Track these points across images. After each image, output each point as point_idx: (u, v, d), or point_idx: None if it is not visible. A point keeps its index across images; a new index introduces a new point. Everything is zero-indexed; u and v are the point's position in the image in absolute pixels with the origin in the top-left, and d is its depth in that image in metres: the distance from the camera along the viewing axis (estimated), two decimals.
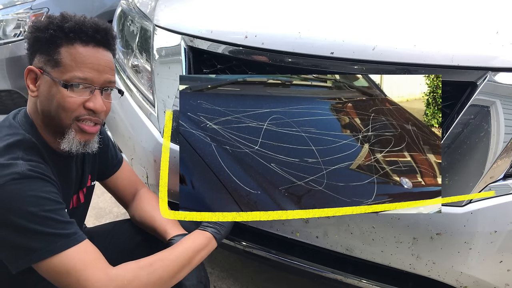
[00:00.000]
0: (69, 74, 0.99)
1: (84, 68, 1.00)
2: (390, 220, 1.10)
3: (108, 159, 1.31)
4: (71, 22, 0.99)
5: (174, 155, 1.35)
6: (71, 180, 1.15)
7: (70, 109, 1.01)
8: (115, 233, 1.36)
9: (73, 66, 0.99)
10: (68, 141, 1.04)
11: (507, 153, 1.02)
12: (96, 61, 1.01)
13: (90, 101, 1.02)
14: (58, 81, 0.99)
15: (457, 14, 1.15)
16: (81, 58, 0.99)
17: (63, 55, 0.99)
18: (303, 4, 1.30)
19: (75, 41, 0.99)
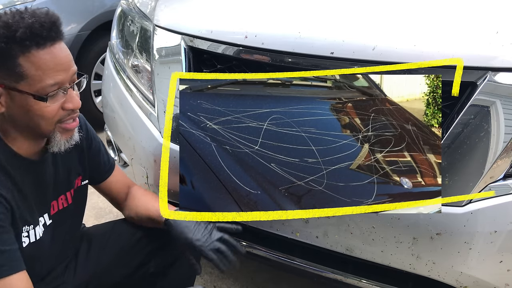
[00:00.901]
0: (39, 84, 0.93)
1: (52, 73, 0.94)
2: (390, 220, 1.10)
3: (100, 164, 1.30)
4: (21, 29, 0.89)
5: (174, 155, 1.35)
6: (47, 184, 1.12)
7: (50, 117, 0.98)
8: (115, 232, 1.36)
9: (40, 75, 0.92)
10: (56, 144, 1.03)
11: (507, 153, 1.02)
12: (60, 60, 0.95)
13: (67, 102, 0.99)
14: (32, 95, 0.93)
15: (457, 14, 1.15)
16: (46, 64, 0.93)
17: (24, 66, 0.91)
18: (303, 4, 1.30)
19: (31, 47, 0.91)
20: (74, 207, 1.23)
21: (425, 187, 1.17)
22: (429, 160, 1.21)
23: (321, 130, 1.24)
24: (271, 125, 1.21)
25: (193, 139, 1.13)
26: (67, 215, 1.20)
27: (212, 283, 1.87)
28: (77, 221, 1.29)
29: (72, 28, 2.88)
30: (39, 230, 1.09)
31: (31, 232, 1.06)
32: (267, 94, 1.30)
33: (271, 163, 1.11)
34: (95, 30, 2.98)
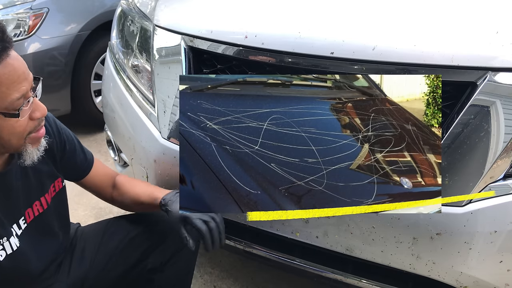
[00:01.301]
0: (7, 100, 0.87)
1: (16, 86, 0.88)
2: (390, 220, 1.10)
3: (77, 163, 1.27)
4: None
5: (174, 155, 1.35)
6: (16, 194, 1.08)
7: (21, 132, 0.94)
8: (110, 230, 1.36)
9: (5, 91, 0.87)
10: (29, 156, 0.99)
11: (507, 153, 1.02)
12: (19, 70, 0.89)
13: (35, 111, 0.95)
14: (2, 114, 0.88)
15: (457, 14, 1.15)
16: (8, 79, 0.87)
17: None
18: (303, 4, 1.30)
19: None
20: (54, 210, 1.21)
21: (425, 187, 1.17)
22: (429, 160, 1.21)
23: (321, 130, 1.24)
24: (271, 125, 1.21)
25: (193, 139, 1.13)
26: (47, 218, 1.18)
27: (212, 283, 1.88)
28: (61, 221, 1.27)
29: (72, 28, 2.88)
30: (14, 240, 1.07)
31: (5, 245, 1.04)
32: (267, 94, 1.30)
33: (271, 163, 1.11)
34: (95, 30, 2.98)
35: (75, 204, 2.34)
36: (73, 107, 3.02)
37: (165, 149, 1.37)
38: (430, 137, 1.24)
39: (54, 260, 1.24)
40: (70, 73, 2.92)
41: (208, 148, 1.11)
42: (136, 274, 1.35)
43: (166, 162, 1.38)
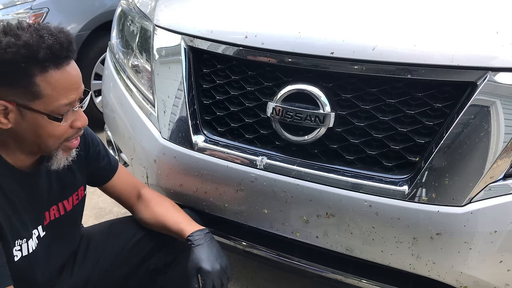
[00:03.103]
0: (55, 104, 0.93)
1: (67, 93, 0.95)
2: (390, 220, 1.10)
3: (100, 168, 1.28)
4: (42, 50, 0.89)
5: (174, 155, 1.35)
6: (41, 196, 1.10)
7: (59, 136, 0.99)
8: (114, 232, 1.36)
9: (56, 95, 0.93)
10: (57, 162, 1.03)
11: (507, 153, 1.02)
12: (73, 79, 0.96)
13: (76, 120, 1.00)
14: (46, 115, 0.94)
15: (457, 14, 1.15)
16: (62, 85, 0.93)
17: (41, 86, 0.91)
18: (303, 4, 1.30)
19: (49, 67, 0.91)
20: (71, 217, 1.22)
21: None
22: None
23: None
24: None
25: None
26: (61, 225, 1.19)
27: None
28: (73, 229, 1.28)
29: (72, 28, 2.88)
30: (32, 243, 1.08)
31: (23, 246, 1.05)
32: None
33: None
34: (95, 30, 2.99)
35: None
36: None
37: (165, 149, 1.37)
38: None
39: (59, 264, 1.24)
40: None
41: None
42: (139, 275, 1.35)
43: (166, 162, 1.38)
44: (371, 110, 1.14)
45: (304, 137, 1.20)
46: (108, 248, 1.33)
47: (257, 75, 1.27)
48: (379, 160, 1.15)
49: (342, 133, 1.18)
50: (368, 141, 1.16)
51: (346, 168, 1.18)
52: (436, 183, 1.07)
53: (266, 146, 1.28)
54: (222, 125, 1.34)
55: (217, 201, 1.33)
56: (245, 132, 1.31)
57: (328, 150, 1.21)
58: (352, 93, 1.16)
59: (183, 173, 1.36)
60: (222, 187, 1.30)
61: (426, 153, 1.09)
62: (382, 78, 1.11)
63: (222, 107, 1.34)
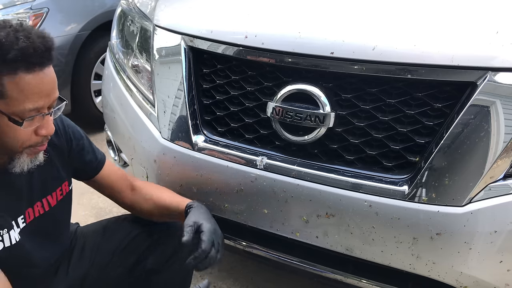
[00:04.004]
0: (18, 107, 0.90)
1: (34, 98, 0.91)
2: (390, 220, 1.10)
3: (85, 162, 1.26)
4: (13, 51, 0.86)
5: (174, 155, 1.35)
6: (19, 192, 1.08)
7: (22, 141, 0.95)
8: (109, 230, 1.36)
9: (21, 99, 0.89)
10: (20, 164, 1.00)
11: (507, 153, 1.02)
12: (44, 86, 0.92)
13: (41, 128, 0.96)
14: (7, 116, 0.90)
15: (457, 14, 1.15)
16: (30, 89, 0.90)
17: (7, 87, 0.88)
18: (303, 4, 1.30)
19: (19, 69, 0.88)
20: (57, 212, 1.20)
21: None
22: None
23: None
24: None
25: None
26: (48, 220, 1.17)
27: (212, 283, 1.88)
28: (62, 225, 1.27)
29: (72, 28, 2.88)
30: (15, 234, 1.07)
31: (5, 236, 1.04)
32: None
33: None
34: (95, 30, 2.99)
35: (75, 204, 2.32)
36: (73, 107, 3.01)
37: (165, 149, 1.37)
38: None
39: (54, 262, 1.24)
40: (70, 73, 2.92)
41: None
42: (134, 274, 1.35)
43: (166, 162, 1.38)
44: (371, 110, 1.14)
45: (304, 137, 1.20)
46: (104, 247, 1.33)
47: (257, 75, 1.27)
48: (379, 160, 1.15)
49: (342, 133, 1.18)
50: (368, 141, 1.16)
51: (346, 168, 1.18)
52: (436, 183, 1.07)
53: (266, 146, 1.28)
54: (222, 125, 1.34)
55: (217, 201, 1.33)
56: (245, 132, 1.31)
57: (328, 150, 1.21)
58: (352, 93, 1.16)
59: (183, 173, 1.36)
60: (222, 187, 1.30)
61: (426, 153, 1.09)
62: (382, 78, 1.11)
63: (222, 107, 1.34)
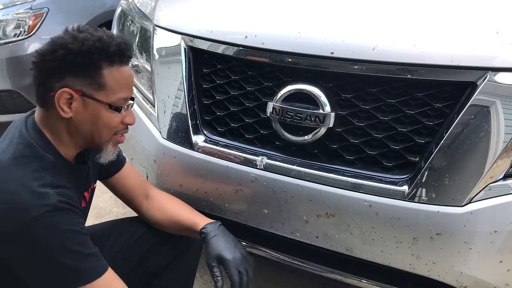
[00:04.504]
0: (115, 96, 1.03)
1: (126, 89, 1.05)
2: (390, 220, 1.10)
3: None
4: (113, 46, 1.01)
5: (174, 155, 1.35)
6: (81, 185, 1.16)
7: (114, 127, 1.07)
8: (114, 232, 1.36)
9: (117, 88, 1.03)
10: (106, 154, 1.11)
11: (507, 153, 1.02)
12: (131, 79, 1.07)
13: (127, 117, 1.09)
14: (108, 105, 1.02)
15: (457, 14, 1.15)
16: (123, 80, 1.04)
17: (106, 78, 1.01)
18: (303, 4, 1.30)
19: (116, 63, 1.02)
20: (87, 208, 1.25)
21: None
22: None
23: None
24: None
25: None
26: (84, 216, 1.20)
27: (212, 283, 1.87)
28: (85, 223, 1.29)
29: None
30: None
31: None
32: None
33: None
34: None
35: None
36: None
37: (165, 149, 1.37)
38: None
39: None
40: None
41: None
42: (135, 277, 1.34)
43: (166, 162, 1.38)
44: (371, 110, 1.14)
45: (304, 137, 1.20)
46: (107, 250, 1.33)
47: (257, 75, 1.27)
48: (379, 160, 1.16)
49: (342, 133, 1.18)
50: (368, 141, 1.16)
51: (346, 168, 1.18)
52: (436, 183, 1.07)
53: (266, 146, 1.28)
54: (222, 125, 1.34)
55: (217, 201, 1.33)
56: (245, 132, 1.31)
57: (328, 150, 1.21)
58: (352, 93, 1.16)
59: (183, 173, 1.36)
60: (222, 187, 1.30)
61: (426, 153, 1.09)
62: (382, 78, 1.11)
63: (222, 107, 1.34)
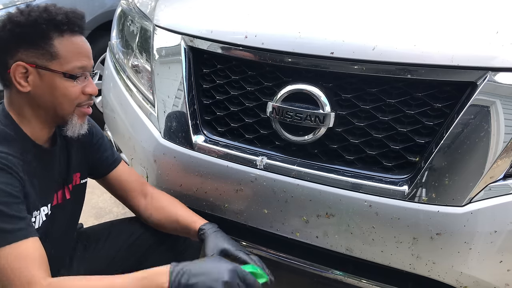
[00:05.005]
0: (69, 65, 1.03)
1: (80, 57, 1.05)
2: (390, 220, 1.10)
3: (102, 158, 1.30)
4: (60, 15, 1.02)
5: (174, 155, 1.35)
6: (54, 174, 1.14)
7: (73, 97, 1.06)
8: (113, 233, 1.36)
9: (71, 57, 1.04)
10: (72, 127, 1.10)
11: (507, 153, 1.02)
12: (86, 48, 1.08)
13: (87, 87, 1.08)
14: (62, 74, 1.03)
15: (457, 14, 1.15)
16: (76, 48, 1.05)
17: (58, 47, 1.02)
18: (303, 4, 1.30)
19: (65, 32, 1.03)
20: (73, 204, 1.23)
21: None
22: None
23: None
24: None
25: None
26: (65, 211, 1.20)
27: None
28: (73, 220, 1.28)
29: None
30: (40, 219, 1.09)
31: (37, 218, 1.07)
32: None
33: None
34: (95, 30, 2.98)
35: None
36: None
37: (165, 149, 1.37)
38: None
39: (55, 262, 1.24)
40: None
41: None
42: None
43: (166, 162, 1.38)
44: (371, 110, 1.14)
45: (304, 137, 1.20)
46: (106, 250, 1.33)
47: (257, 75, 1.27)
48: (379, 160, 1.16)
49: (342, 133, 1.18)
50: (368, 141, 1.16)
51: (346, 168, 1.18)
52: (436, 183, 1.07)
53: (266, 146, 1.28)
54: (222, 125, 1.34)
55: (217, 201, 1.33)
56: (245, 132, 1.31)
57: (328, 150, 1.21)
58: (352, 93, 1.16)
59: (183, 173, 1.36)
60: (222, 187, 1.30)
61: (426, 153, 1.09)
62: (382, 78, 1.11)
63: (222, 107, 1.34)
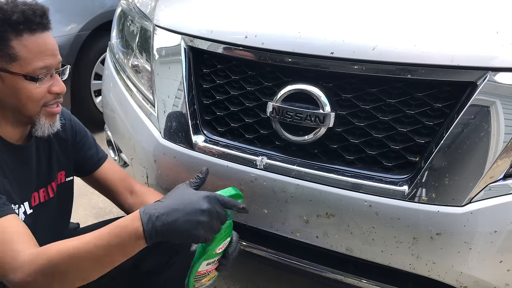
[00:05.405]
0: (30, 66, 1.00)
1: (43, 57, 1.01)
2: (390, 220, 1.10)
3: (87, 157, 1.30)
4: (15, 14, 0.97)
5: (174, 155, 1.35)
6: (31, 173, 1.13)
7: (38, 99, 1.04)
8: None
9: (31, 58, 1.00)
10: (41, 127, 1.07)
11: (507, 153, 1.02)
12: (49, 46, 1.03)
13: (54, 86, 1.06)
14: (23, 76, 0.99)
15: (457, 14, 1.15)
16: (37, 48, 1.00)
17: (16, 49, 0.98)
18: (303, 4, 1.30)
19: (23, 31, 0.99)
20: (58, 203, 1.23)
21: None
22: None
23: None
24: None
25: None
26: (49, 209, 1.19)
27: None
28: (61, 219, 1.28)
29: (72, 28, 2.88)
30: (21, 214, 1.09)
31: (19, 212, 1.06)
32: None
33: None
34: (95, 30, 2.99)
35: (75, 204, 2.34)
36: (73, 107, 3.01)
37: (165, 149, 1.37)
38: None
39: None
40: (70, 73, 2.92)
41: None
42: (132, 276, 1.34)
43: (166, 162, 1.38)
44: (371, 110, 1.14)
45: (304, 137, 1.20)
46: None
47: (257, 75, 1.27)
48: (379, 160, 1.15)
49: (342, 133, 1.18)
50: (368, 141, 1.16)
51: (346, 168, 1.18)
52: (436, 183, 1.07)
53: (266, 146, 1.28)
54: (222, 125, 1.34)
55: None
56: (245, 132, 1.31)
57: (328, 150, 1.21)
58: (352, 93, 1.16)
59: (183, 173, 1.36)
60: (222, 187, 1.30)
61: (426, 153, 1.09)
62: (382, 78, 1.11)
63: (222, 107, 1.34)
